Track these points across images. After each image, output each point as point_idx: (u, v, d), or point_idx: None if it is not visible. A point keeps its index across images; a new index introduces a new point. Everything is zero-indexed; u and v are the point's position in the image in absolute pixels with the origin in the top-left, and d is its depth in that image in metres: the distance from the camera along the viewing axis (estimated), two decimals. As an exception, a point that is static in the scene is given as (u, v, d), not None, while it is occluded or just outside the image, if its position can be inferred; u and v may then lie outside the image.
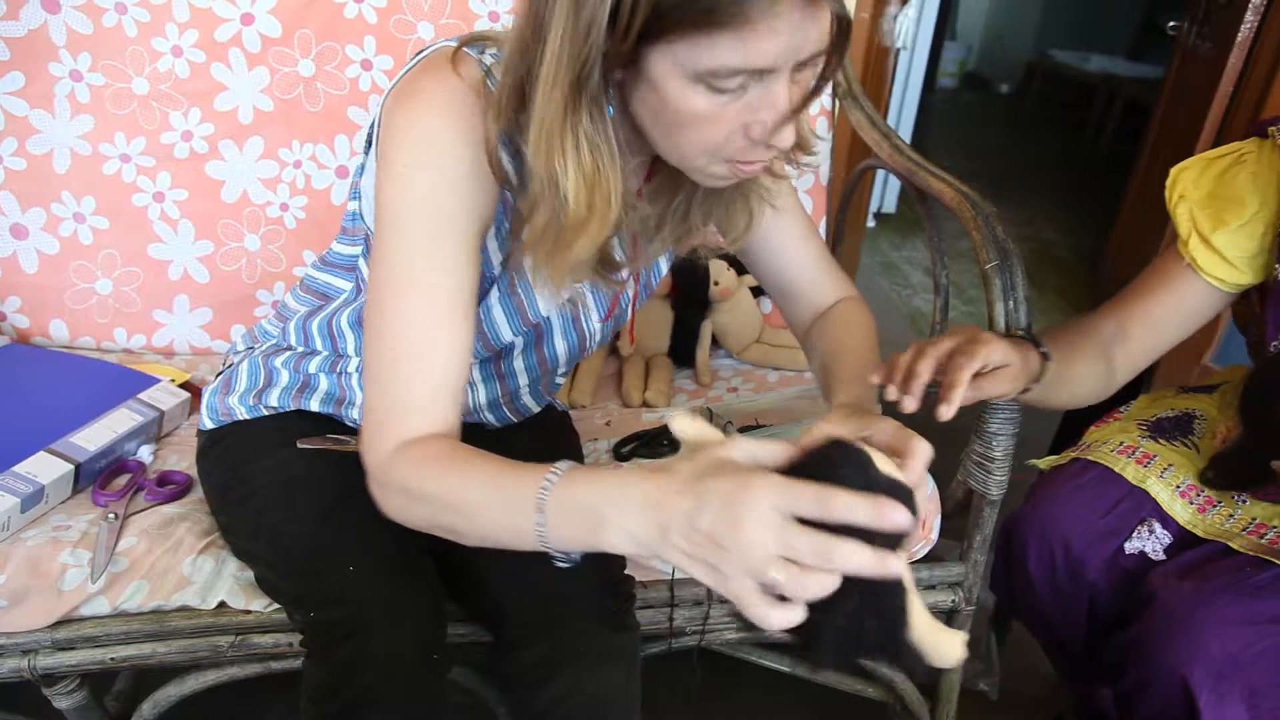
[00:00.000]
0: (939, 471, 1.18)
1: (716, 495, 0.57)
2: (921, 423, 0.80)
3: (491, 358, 0.99)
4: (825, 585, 0.55)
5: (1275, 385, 0.98)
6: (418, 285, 0.75)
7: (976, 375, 0.82)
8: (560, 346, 1.00)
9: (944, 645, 0.64)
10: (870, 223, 3.55)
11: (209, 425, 1.06)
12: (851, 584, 0.57)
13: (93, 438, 1.12)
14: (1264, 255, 1.01)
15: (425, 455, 0.74)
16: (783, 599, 0.57)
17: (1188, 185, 1.05)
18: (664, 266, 1.04)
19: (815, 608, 0.58)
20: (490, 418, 1.08)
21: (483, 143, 0.75)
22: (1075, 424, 1.41)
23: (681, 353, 1.47)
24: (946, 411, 0.77)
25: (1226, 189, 1.02)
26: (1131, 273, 1.10)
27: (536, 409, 1.13)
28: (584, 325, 0.99)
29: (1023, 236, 3.78)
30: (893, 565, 0.56)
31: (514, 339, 0.94)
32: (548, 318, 0.95)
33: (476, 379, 1.02)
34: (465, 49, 0.78)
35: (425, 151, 0.74)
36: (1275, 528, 1.03)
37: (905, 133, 3.45)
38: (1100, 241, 3.33)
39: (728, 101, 0.67)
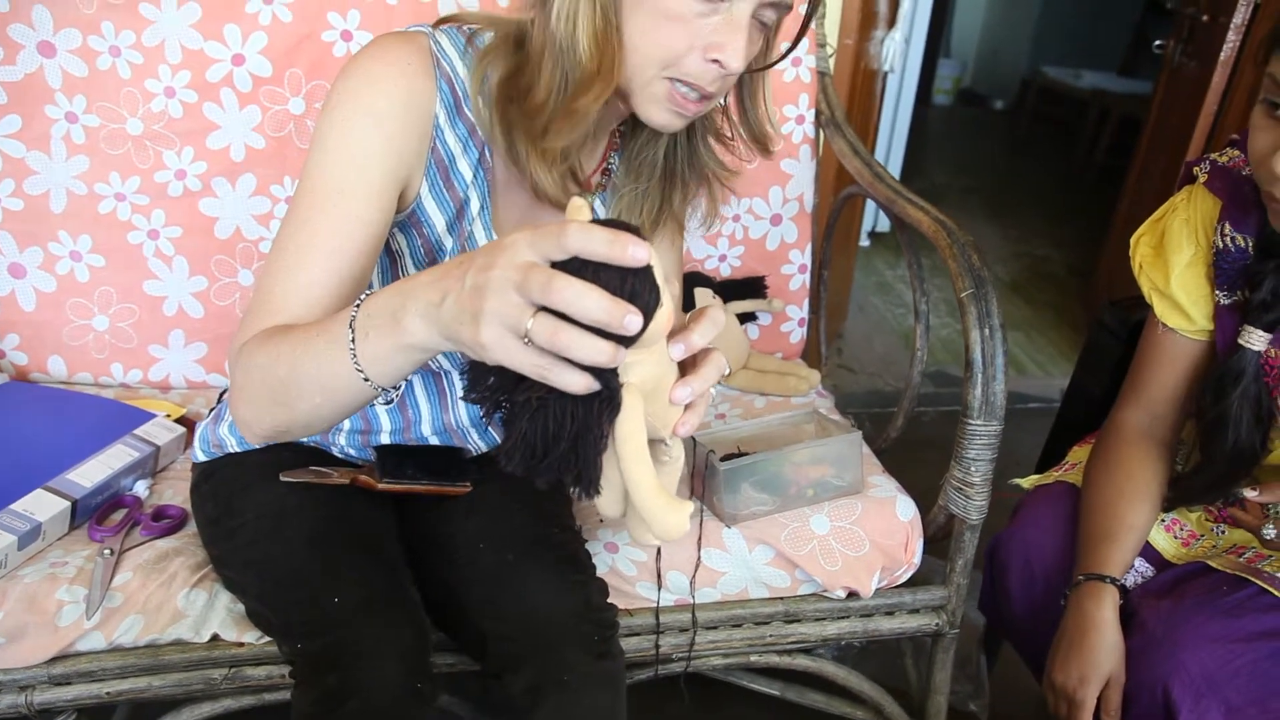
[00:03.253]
0: (922, 496, 1.21)
1: (482, 253, 0.59)
2: (905, 451, 0.82)
3: (456, 360, 1.00)
4: (578, 342, 0.55)
5: (1221, 384, 1.02)
6: (314, 205, 0.80)
7: None
8: None
9: (670, 514, 0.63)
10: (864, 242, 3.57)
11: (201, 458, 1.08)
12: (547, 390, 0.58)
13: (89, 474, 1.14)
14: (1210, 288, 1.06)
15: (264, 333, 0.77)
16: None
17: (1144, 252, 1.12)
18: None
19: (516, 400, 0.59)
20: (476, 436, 1.10)
21: (416, 93, 0.83)
22: (1061, 441, 1.44)
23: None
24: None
25: (1169, 241, 1.09)
26: (1123, 289, 1.15)
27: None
28: None
29: (1017, 253, 3.81)
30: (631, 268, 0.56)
31: None
32: None
33: (457, 382, 1.05)
34: (415, 27, 0.87)
35: (355, 86, 0.82)
36: (1254, 548, 1.05)
37: (898, 151, 3.49)
38: (1093, 257, 3.35)
39: (701, 13, 0.77)
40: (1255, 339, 1.00)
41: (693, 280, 1.49)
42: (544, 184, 0.89)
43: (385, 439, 1.07)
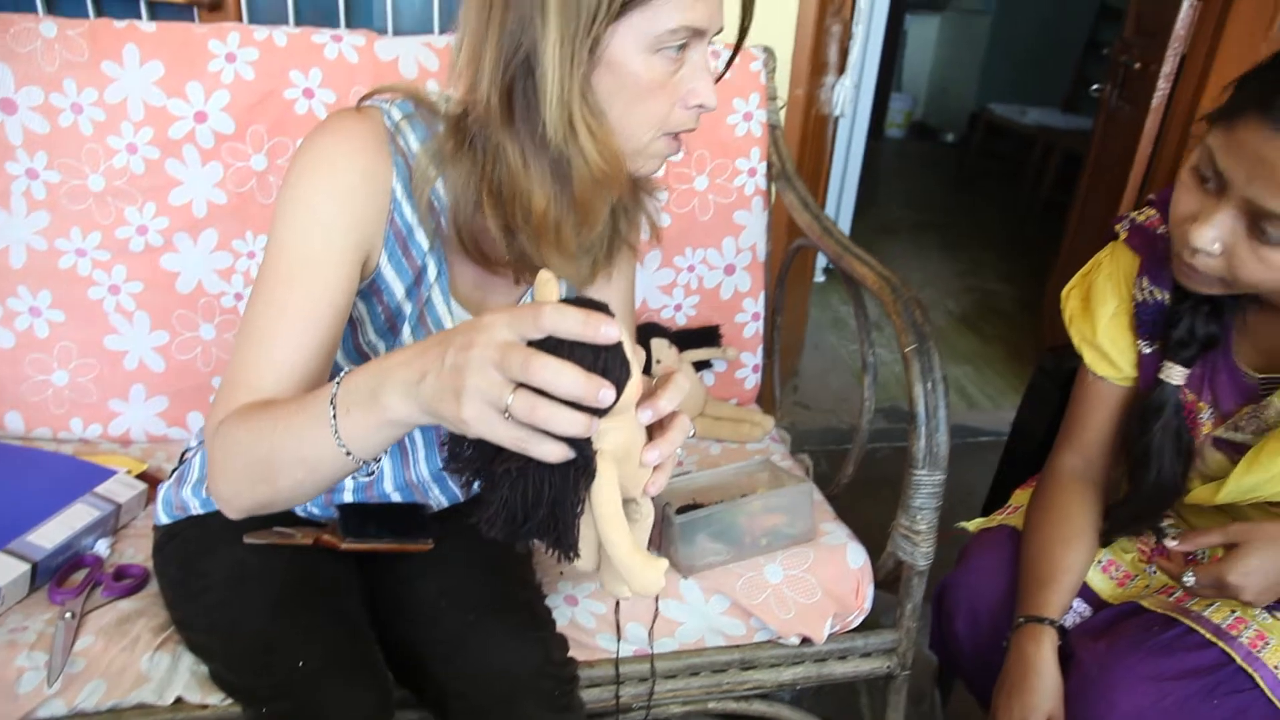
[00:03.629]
0: (876, 534, 1.25)
1: (460, 332, 0.63)
2: (859, 488, 0.86)
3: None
4: (555, 416, 0.59)
5: (1144, 418, 1.08)
6: (281, 279, 0.83)
7: None
8: None
9: (647, 571, 0.67)
10: (819, 278, 3.64)
11: (165, 520, 1.09)
12: (525, 459, 0.62)
13: (50, 535, 1.14)
14: (1131, 348, 1.12)
15: (243, 411, 0.80)
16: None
17: (1074, 305, 1.18)
18: None
19: (495, 470, 0.63)
20: (438, 492, 1.12)
21: (374, 169, 0.86)
22: (1007, 481, 1.49)
23: None
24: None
25: (1094, 295, 1.15)
26: (1065, 327, 1.22)
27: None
28: None
29: (968, 287, 3.90)
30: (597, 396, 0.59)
31: None
32: None
33: (418, 438, 1.07)
34: (368, 101, 0.91)
35: (315, 163, 0.85)
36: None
37: (851, 189, 3.56)
38: (1040, 291, 3.45)
39: (672, 70, 0.83)
40: (1174, 374, 1.06)
41: (649, 331, 1.52)
42: (571, 272, 0.94)
43: (348, 496, 1.09)
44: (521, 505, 0.64)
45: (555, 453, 0.61)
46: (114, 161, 1.37)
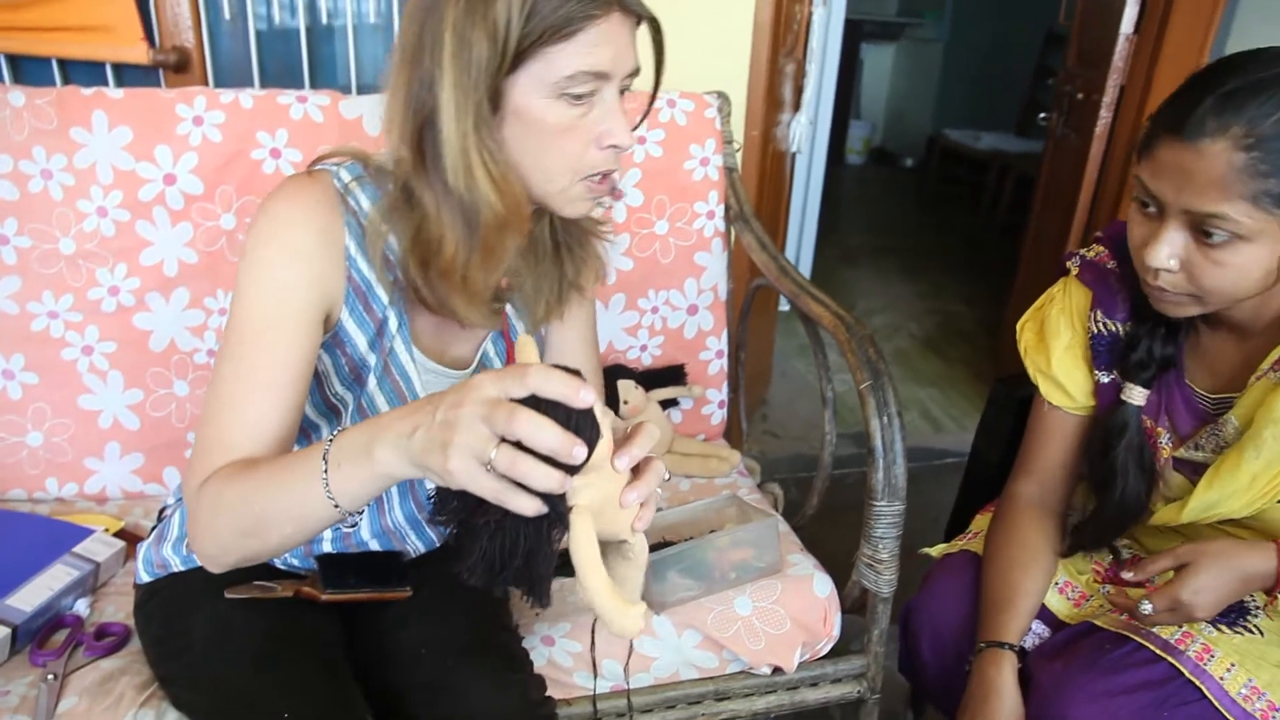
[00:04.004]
0: (844, 559, 1.29)
1: (451, 392, 0.68)
2: (827, 515, 0.90)
3: None
4: (534, 471, 0.64)
5: (1108, 438, 1.13)
6: (246, 342, 0.87)
7: None
8: None
9: (620, 618, 0.70)
10: (785, 306, 3.70)
11: (145, 578, 1.11)
12: (503, 514, 0.67)
13: (29, 598, 1.15)
14: (1090, 371, 1.17)
15: (225, 471, 0.84)
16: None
17: (1029, 338, 1.24)
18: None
19: (476, 523, 0.68)
20: (414, 537, 1.15)
21: (327, 230, 0.90)
22: (967, 505, 1.54)
23: None
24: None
25: (1048, 328, 1.20)
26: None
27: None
28: None
29: (930, 310, 3.98)
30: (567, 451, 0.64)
31: None
32: None
33: (393, 486, 1.09)
34: (318, 165, 0.95)
35: (270, 228, 0.89)
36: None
37: (811, 221, 3.63)
38: (1000, 312, 3.53)
39: (581, 113, 0.87)
40: (1135, 395, 1.11)
41: (616, 372, 1.57)
42: (474, 319, 0.97)
43: (327, 546, 1.11)
44: (499, 555, 0.68)
45: (530, 506, 0.65)
46: (84, 225, 1.40)
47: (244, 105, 1.43)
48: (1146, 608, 1.03)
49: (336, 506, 0.76)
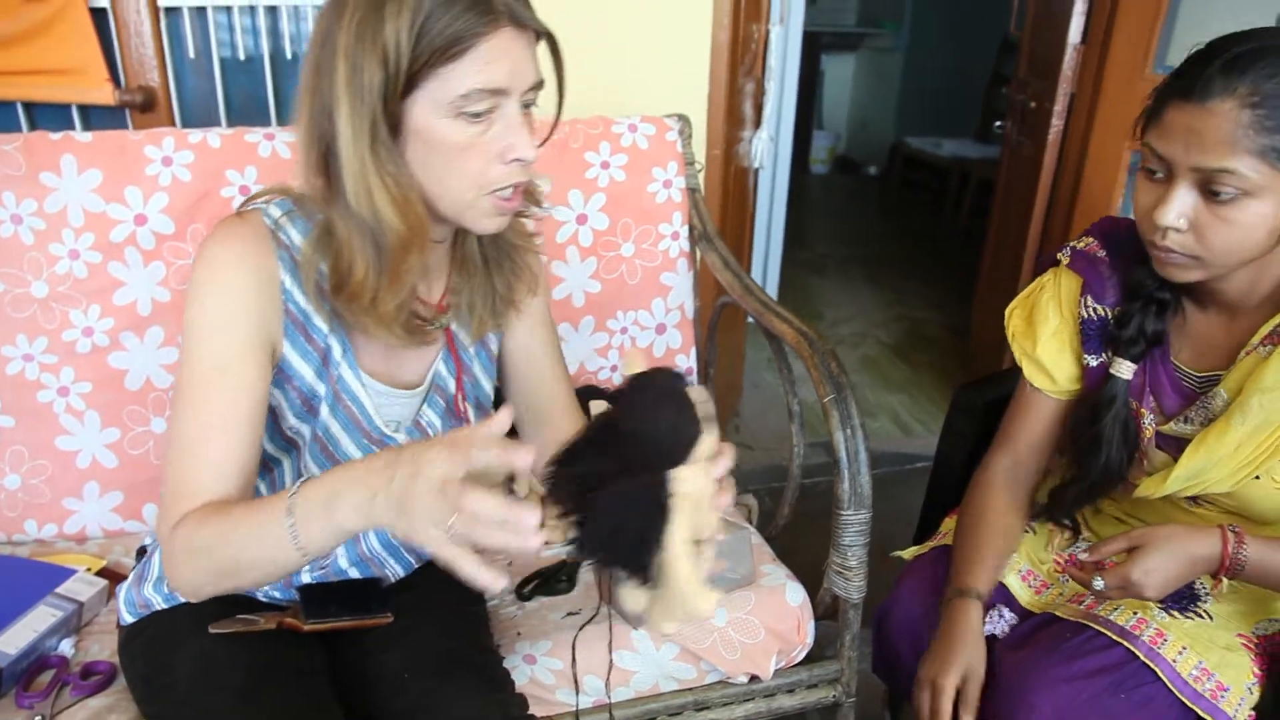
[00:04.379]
0: (816, 567, 1.33)
1: (405, 460, 0.75)
2: (800, 523, 0.94)
3: None
4: (489, 537, 0.70)
5: (1096, 408, 1.18)
6: (199, 386, 0.92)
7: None
8: None
9: (700, 601, 0.77)
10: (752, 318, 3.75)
11: (128, 619, 1.12)
12: (616, 497, 0.74)
13: (13, 640, 1.17)
14: (1075, 356, 1.24)
15: (197, 515, 0.88)
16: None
17: (1017, 323, 1.30)
18: (487, 386, 1.18)
19: (589, 515, 0.74)
20: (393, 562, 1.18)
21: (261, 266, 0.94)
22: (933, 509, 1.58)
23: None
24: None
25: (1037, 314, 1.27)
26: (992, 344, 1.31)
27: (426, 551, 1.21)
28: (429, 428, 1.11)
29: (897, 316, 4.04)
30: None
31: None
32: (393, 436, 1.07)
33: None
34: (249, 206, 0.99)
35: (207, 273, 0.93)
36: (1091, 596, 1.19)
37: (778, 233, 3.68)
38: (966, 316, 3.60)
39: (481, 130, 0.88)
40: (1124, 369, 1.17)
41: (588, 393, 1.58)
42: (391, 339, 0.99)
43: (306, 576, 1.13)
44: (613, 539, 0.75)
45: (487, 579, 0.72)
46: (56, 268, 1.42)
47: (212, 144, 1.46)
48: (1099, 584, 1.08)
49: (305, 555, 0.81)
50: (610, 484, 0.74)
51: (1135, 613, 1.11)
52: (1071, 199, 2.50)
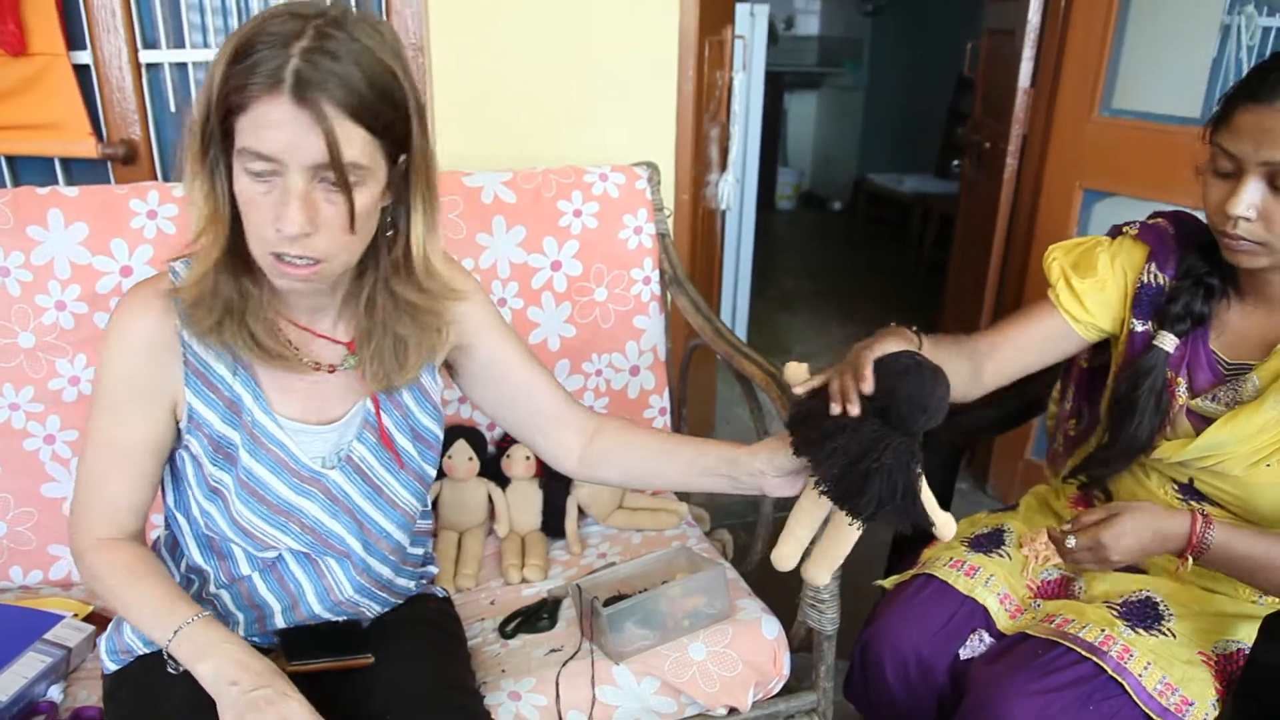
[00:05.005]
0: (782, 614, 1.38)
1: (277, 686, 0.97)
2: (771, 575, 1.02)
3: (311, 541, 1.12)
4: None
5: (1136, 375, 1.28)
6: (99, 435, 1.04)
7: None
8: (361, 501, 1.14)
9: (946, 521, 1.01)
10: (724, 353, 3.81)
11: (111, 667, 1.14)
12: (885, 455, 0.93)
13: (3, 687, 1.18)
14: (1116, 310, 1.33)
15: (110, 558, 1.05)
16: None
17: (1059, 253, 1.39)
18: (424, 418, 1.18)
19: (863, 468, 0.93)
20: (371, 604, 1.21)
21: (158, 328, 1.02)
22: (903, 551, 1.63)
23: (553, 527, 1.63)
24: (866, 387, 1.00)
25: (1087, 259, 1.35)
26: None
27: (402, 582, 1.25)
28: (361, 462, 1.14)
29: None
30: None
31: (299, 498, 1.10)
32: (325, 472, 1.11)
33: (335, 567, 1.15)
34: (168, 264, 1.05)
35: (110, 338, 1.03)
36: (1061, 615, 1.25)
37: (745, 272, 3.74)
38: (930, 350, 3.67)
39: (263, 191, 0.89)
40: (1167, 341, 1.26)
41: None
42: (271, 364, 1.05)
43: (280, 620, 1.16)
44: (889, 493, 0.93)
45: None
46: (43, 319, 1.45)
47: (197, 198, 1.50)
48: (1071, 541, 1.16)
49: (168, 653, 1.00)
50: (879, 446, 0.93)
51: (1103, 630, 1.17)
52: (1028, 233, 2.58)
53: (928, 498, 0.98)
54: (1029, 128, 2.57)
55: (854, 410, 0.96)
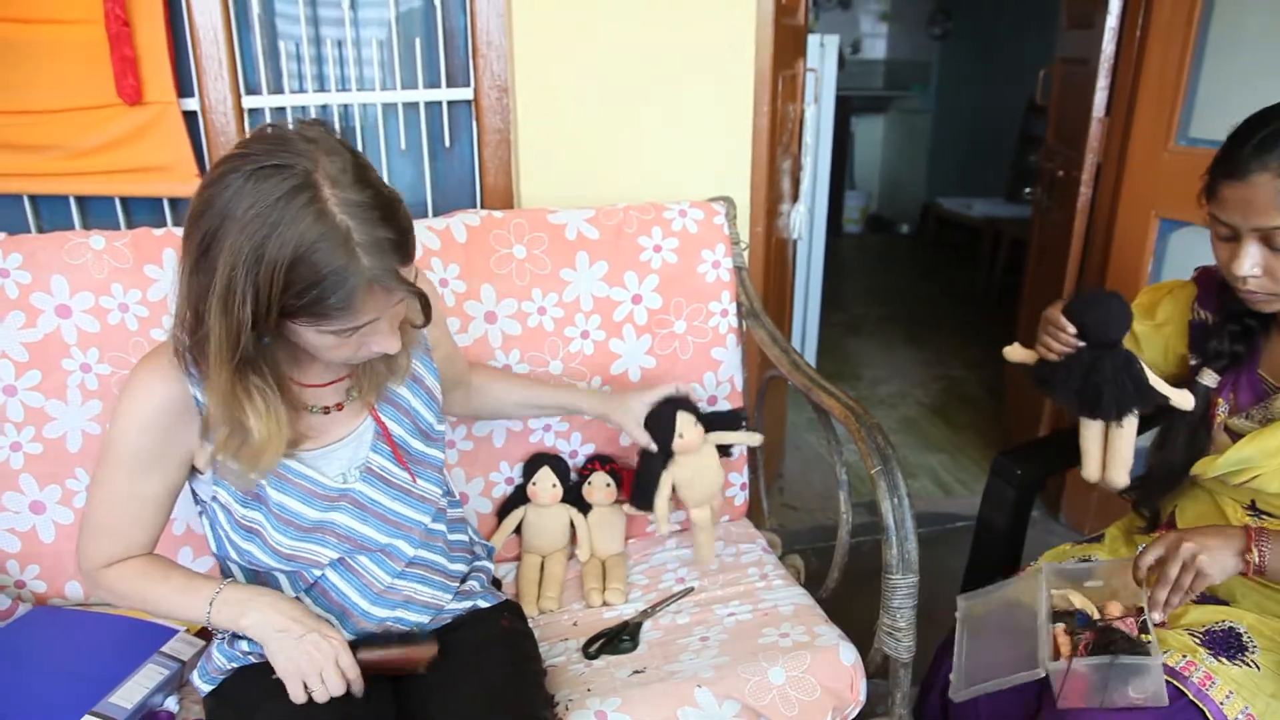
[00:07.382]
0: (859, 638, 1.40)
1: (323, 629, 1.12)
2: (850, 583, 1.03)
3: (348, 547, 1.21)
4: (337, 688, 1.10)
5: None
6: (114, 487, 1.13)
7: None
8: (389, 504, 1.23)
9: (1181, 398, 1.29)
10: (793, 379, 3.83)
11: (205, 689, 1.23)
12: (1104, 368, 1.27)
13: (128, 696, 1.26)
14: (1176, 347, 1.46)
15: (127, 569, 1.16)
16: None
17: (1141, 295, 1.51)
18: (429, 415, 1.30)
19: (1092, 382, 1.28)
20: (412, 585, 1.27)
21: (171, 393, 1.09)
22: (980, 572, 1.65)
23: (643, 498, 1.55)
24: (1069, 329, 1.31)
25: (1153, 301, 1.48)
26: (1026, 404, 1.47)
27: (456, 568, 1.34)
28: (381, 470, 1.24)
29: (935, 376, 4.11)
30: None
31: (330, 514, 1.19)
32: (350, 487, 1.20)
33: (368, 564, 1.23)
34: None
35: (127, 405, 1.11)
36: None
37: (815, 298, 3.77)
38: (1001, 374, 3.66)
39: (348, 336, 1.03)
40: (1208, 377, 1.34)
41: (678, 404, 1.55)
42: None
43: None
44: (1122, 392, 1.28)
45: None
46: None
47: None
48: (1157, 616, 1.20)
49: (210, 625, 1.13)
50: (1097, 364, 1.27)
51: (1184, 655, 1.19)
52: (1103, 262, 2.57)
53: (1156, 381, 1.29)
54: (1103, 156, 2.56)
55: (1069, 349, 1.30)
